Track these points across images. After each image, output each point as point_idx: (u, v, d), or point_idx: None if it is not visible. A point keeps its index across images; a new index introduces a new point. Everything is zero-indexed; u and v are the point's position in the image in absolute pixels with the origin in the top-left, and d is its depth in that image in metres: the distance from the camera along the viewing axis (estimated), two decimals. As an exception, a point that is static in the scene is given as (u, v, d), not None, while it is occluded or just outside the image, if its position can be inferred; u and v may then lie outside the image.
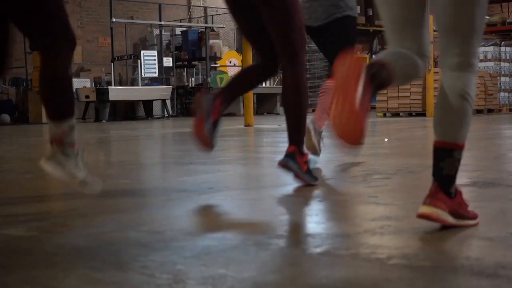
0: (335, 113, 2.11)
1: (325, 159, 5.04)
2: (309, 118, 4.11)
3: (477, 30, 2.28)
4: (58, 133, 2.82)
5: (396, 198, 3.09)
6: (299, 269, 1.79)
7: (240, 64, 16.13)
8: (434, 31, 10.10)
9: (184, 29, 19.33)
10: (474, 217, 2.29)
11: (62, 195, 3.54)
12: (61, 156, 2.82)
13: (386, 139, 6.93)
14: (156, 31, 18.72)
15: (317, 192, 3.25)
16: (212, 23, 19.54)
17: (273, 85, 18.60)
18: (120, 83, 17.89)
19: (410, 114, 14.08)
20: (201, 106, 3.25)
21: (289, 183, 3.54)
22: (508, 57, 16.24)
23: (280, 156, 3.39)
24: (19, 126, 13.82)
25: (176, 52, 18.25)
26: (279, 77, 18.89)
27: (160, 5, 17.86)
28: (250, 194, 3.37)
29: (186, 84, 18.45)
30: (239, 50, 17.64)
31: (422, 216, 2.20)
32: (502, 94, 16.05)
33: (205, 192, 3.32)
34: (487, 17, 20.12)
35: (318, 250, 2.00)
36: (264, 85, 18.27)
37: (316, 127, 4.46)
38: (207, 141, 3.25)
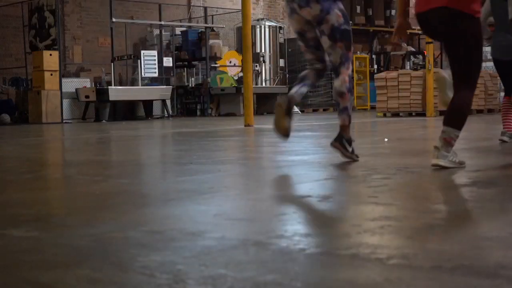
0: None
1: (325, 159, 5.04)
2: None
3: None
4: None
5: (396, 198, 3.09)
6: (299, 269, 1.79)
7: (240, 64, 16.12)
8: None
9: (184, 29, 19.32)
10: None
11: (62, 196, 3.54)
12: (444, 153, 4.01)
13: (386, 139, 6.93)
14: (156, 31, 18.72)
15: (317, 192, 3.25)
16: (212, 23, 19.54)
17: (273, 85, 18.60)
18: (120, 83, 17.90)
19: (410, 114, 14.06)
20: None
21: (289, 183, 3.54)
22: (508, 57, 16.22)
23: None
24: (19, 126, 13.81)
25: (176, 52, 18.26)
26: (278, 78, 18.90)
27: (160, 5, 17.86)
28: (250, 194, 3.37)
29: (186, 84, 18.45)
30: (239, 50, 17.63)
31: None
32: (502, 94, 16.01)
33: (205, 192, 3.32)
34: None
35: (318, 250, 2.00)
36: (264, 85, 18.31)
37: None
38: None
